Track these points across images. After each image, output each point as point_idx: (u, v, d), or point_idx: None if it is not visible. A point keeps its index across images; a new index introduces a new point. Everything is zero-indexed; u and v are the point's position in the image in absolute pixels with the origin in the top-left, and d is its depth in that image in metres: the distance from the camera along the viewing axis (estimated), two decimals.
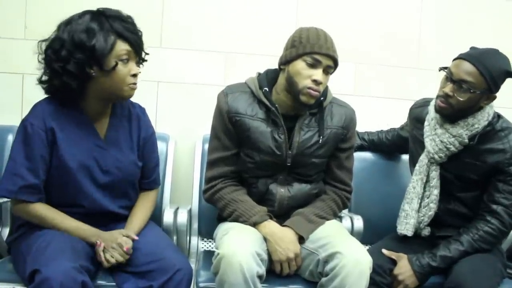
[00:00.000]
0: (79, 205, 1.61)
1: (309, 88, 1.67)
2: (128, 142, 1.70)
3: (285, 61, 1.72)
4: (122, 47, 1.54)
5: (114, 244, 1.54)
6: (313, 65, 1.66)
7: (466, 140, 1.74)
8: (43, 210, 1.56)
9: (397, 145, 2.19)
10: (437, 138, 1.78)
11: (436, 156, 1.79)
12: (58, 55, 1.51)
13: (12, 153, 1.56)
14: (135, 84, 1.59)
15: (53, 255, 1.40)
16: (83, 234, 1.56)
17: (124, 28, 1.54)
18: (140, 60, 1.63)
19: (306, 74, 1.67)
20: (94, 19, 1.53)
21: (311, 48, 1.66)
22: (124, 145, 1.69)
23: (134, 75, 1.58)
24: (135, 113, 1.74)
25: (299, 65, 1.68)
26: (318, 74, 1.66)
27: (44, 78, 1.58)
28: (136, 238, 1.59)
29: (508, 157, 1.72)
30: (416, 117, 1.94)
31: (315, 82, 1.66)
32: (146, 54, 1.65)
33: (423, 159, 1.84)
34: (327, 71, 1.69)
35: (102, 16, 1.54)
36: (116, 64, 1.53)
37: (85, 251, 1.53)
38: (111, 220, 1.68)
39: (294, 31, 1.75)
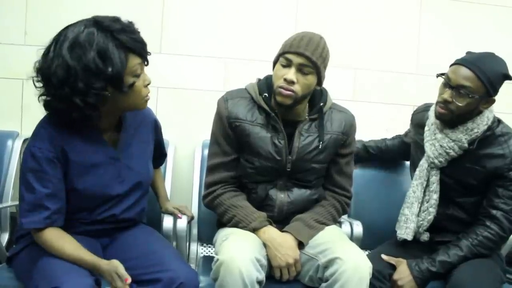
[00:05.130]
0: (88, 214, 1.58)
1: (280, 87, 1.68)
2: (139, 146, 1.67)
3: (272, 67, 1.76)
4: (134, 61, 1.45)
5: (114, 274, 1.42)
6: (286, 65, 1.68)
7: (466, 145, 1.74)
8: (47, 237, 1.47)
9: (403, 152, 2.16)
10: (437, 143, 1.78)
11: (436, 161, 1.79)
12: (74, 87, 1.38)
13: (26, 183, 1.46)
14: (149, 93, 1.54)
15: (69, 271, 1.39)
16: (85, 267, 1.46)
17: (132, 40, 1.44)
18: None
19: (279, 75, 1.69)
20: (101, 36, 1.39)
21: (283, 49, 1.69)
22: (136, 151, 1.65)
23: (147, 85, 1.52)
24: (142, 114, 1.69)
25: (276, 67, 1.72)
26: (289, 73, 1.67)
27: (48, 99, 1.45)
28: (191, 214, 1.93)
29: (508, 162, 1.72)
30: (418, 122, 1.94)
31: (286, 80, 1.67)
32: (149, 53, 1.54)
33: (423, 163, 1.84)
34: (302, 70, 1.68)
35: (107, 31, 1.41)
36: (134, 82, 1.46)
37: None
38: (116, 228, 1.66)
39: None
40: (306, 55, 1.66)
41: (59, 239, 1.47)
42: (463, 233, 1.77)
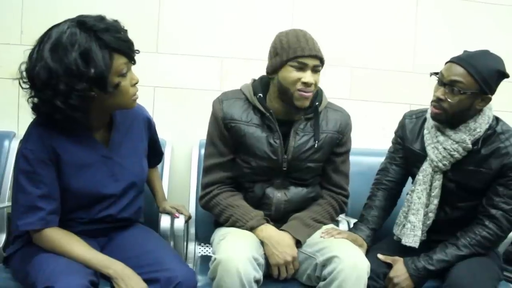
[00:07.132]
0: (85, 213, 1.58)
1: (300, 90, 1.67)
2: (132, 145, 1.66)
3: (272, 70, 1.73)
4: (119, 61, 1.43)
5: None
6: (301, 68, 1.67)
7: (470, 145, 1.71)
8: (54, 237, 1.48)
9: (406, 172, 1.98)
10: (440, 146, 1.75)
11: (440, 164, 1.75)
12: (56, 89, 1.36)
13: (19, 185, 1.47)
14: (137, 92, 1.52)
15: (64, 271, 1.39)
16: (97, 265, 1.47)
17: (116, 39, 1.41)
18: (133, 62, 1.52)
19: (295, 78, 1.67)
20: (84, 37, 1.37)
21: (294, 52, 1.67)
22: (128, 150, 1.65)
23: (135, 84, 1.51)
24: (134, 112, 1.67)
25: (287, 72, 1.68)
26: (307, 76, 1.67)
27: (36, 101, 1.44)
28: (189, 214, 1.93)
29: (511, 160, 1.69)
30: (402, 130, 1.92)
31: (306, 84, 1.67)
32: (137, 52, 1.51)
33: (426, 168, 1.79)
34: (314, 70, 1.69)
35: (90, 31, 1.38)
36: (119, 82, 1.44)
37: None
38: (113, 227, 1.65)
39: (274, 38, 1.75)
40: (320, 56, 1.68)
41: (67, 238, 1.49)
42: (461, 231, 1.76)
